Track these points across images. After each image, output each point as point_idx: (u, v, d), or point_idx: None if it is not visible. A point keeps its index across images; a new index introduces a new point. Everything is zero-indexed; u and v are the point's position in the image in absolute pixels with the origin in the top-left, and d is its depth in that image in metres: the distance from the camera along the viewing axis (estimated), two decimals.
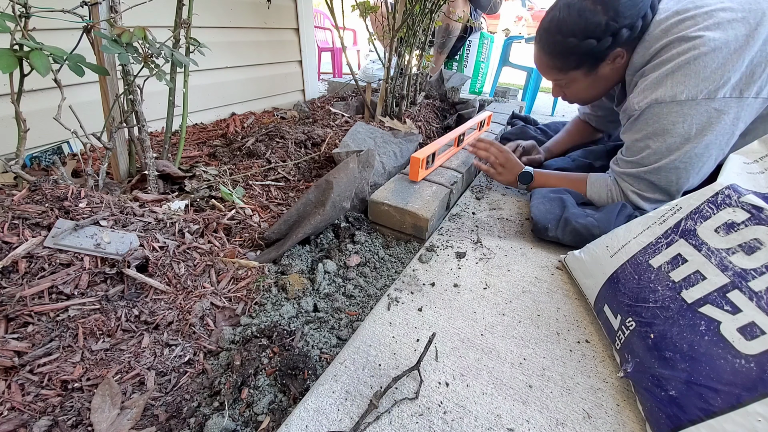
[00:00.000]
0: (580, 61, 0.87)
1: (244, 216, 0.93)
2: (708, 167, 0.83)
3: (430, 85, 2.05)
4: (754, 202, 0.49)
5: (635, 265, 0.62)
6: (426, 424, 0.51)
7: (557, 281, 0.80)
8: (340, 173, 0.91)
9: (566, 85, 0.96)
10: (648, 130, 0.82)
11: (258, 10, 1.73)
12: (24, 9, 0.67)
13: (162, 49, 0.77)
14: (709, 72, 0.73)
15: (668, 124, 0.78)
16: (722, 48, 0.72)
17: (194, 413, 0.54)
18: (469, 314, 0.71)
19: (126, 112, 0.88)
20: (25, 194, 0.69)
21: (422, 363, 0.59)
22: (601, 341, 0.66)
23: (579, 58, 0.86)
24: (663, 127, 0.79)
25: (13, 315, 0.57)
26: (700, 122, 0.76)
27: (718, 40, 0.72)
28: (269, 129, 1.37)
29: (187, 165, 1.12)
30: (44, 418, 0.50)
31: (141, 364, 0.58)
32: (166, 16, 1.02)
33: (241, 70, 1.75)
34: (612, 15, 0.78)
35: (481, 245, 0.92)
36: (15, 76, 0.69)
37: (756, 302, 0.44)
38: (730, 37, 0.72)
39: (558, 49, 0.87)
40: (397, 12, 1.43)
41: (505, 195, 1.17)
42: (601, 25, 0.80)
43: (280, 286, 0.75)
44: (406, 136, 1.38)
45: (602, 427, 0.52)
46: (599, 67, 0.89)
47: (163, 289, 0.68)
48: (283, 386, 0.57)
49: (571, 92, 0.99)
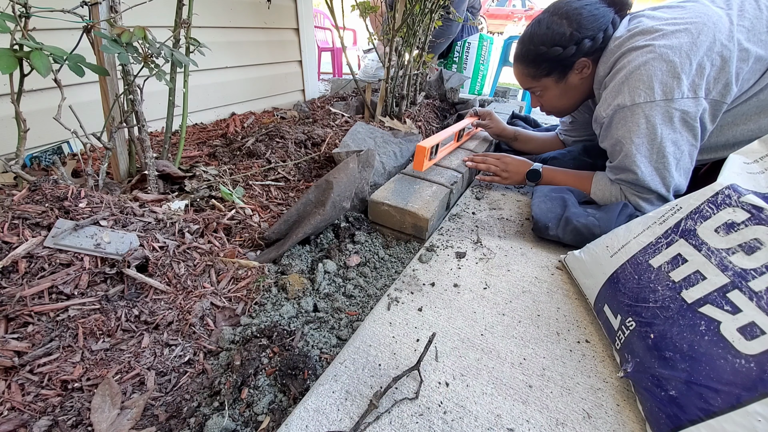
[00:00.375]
0: (551, 67, 0.97)
1: (244, 216, 0.93)
2: (685, 164, 0.88)
3: (429, 85, 2.05)
4: (754, 202, 0.49)
5: (635, 265, 0.62)
6: (426, 424, 0.51)
7: (557, 281, 0.80)
8: (340, 173, 0.91)
9: (541, 94, 1.05)
10: (618, 134, 0.89)
11: (258, 10, 1.73)
12: (24, 9, 0.67)
13: (162, 49, 0.77)
14: (661, 75, 0.80)
15: (633, 126, 0.85)
16: (669, 53, 0.79)
17: (194, 413, 0.54)
18: (469, 314, 0.71)
19: (126, 112, 0.88)
20: (25, 194, 0.69)
21: (422, 363, 0.59)
22: (601, 341, 0.66)
23: (549, 64, 0.97)
24: (629, 129, 0.86)
25: (13, 315, 0.57)
26: (662, 121, 0.82)
27: (665, 46, 0.80)
28: (269, 129, 1.37)
29: (187, 165, 1.12)
30: (44, 418, 0.50)
31: (141, 364, 0.58)
32: (166, 16, 1.02)
33: (241, 70, 1.75)
34: (575, 26, 0.90)
35: (481, 245, 0.92)
36: (15, 76, 0.69)
37: (756, 302, 0.44)
38: (675, 43, 0.80)
39: (530, 56, 0.98)
40: (397, 12, 1.43)
41: (505, 195, 1.17)
42: (565, 35, 0.91)
43: (280, 286, 0.75)
44: (406, 136, 1.38)
45: (602, 427, 0.52)
46: (568, 76, 0.98)
47: (163, 289, 0.68)
48: (283, 386, 0.57)
49: (546, 101, 1.07)
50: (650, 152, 0.85)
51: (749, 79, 0.81)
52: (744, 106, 0.85)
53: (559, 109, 1.10)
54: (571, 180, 1.05)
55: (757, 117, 0.85)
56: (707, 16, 0.80)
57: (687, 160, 0.87)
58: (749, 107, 0.84)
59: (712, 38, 0.78)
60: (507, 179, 1.15)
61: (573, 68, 0.96)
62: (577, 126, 1.27)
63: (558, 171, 1.09)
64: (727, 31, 0.79)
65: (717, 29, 0.79)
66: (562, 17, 0.92)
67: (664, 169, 0.86)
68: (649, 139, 0.84)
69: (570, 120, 1.30)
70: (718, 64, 0.79)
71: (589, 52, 0.93)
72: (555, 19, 0.93)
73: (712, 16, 0.80)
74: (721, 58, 0.78)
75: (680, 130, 0.83)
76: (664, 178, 0.87)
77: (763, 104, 0.83)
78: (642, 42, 0.83)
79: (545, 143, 1.40)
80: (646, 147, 0.85)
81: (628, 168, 0.89)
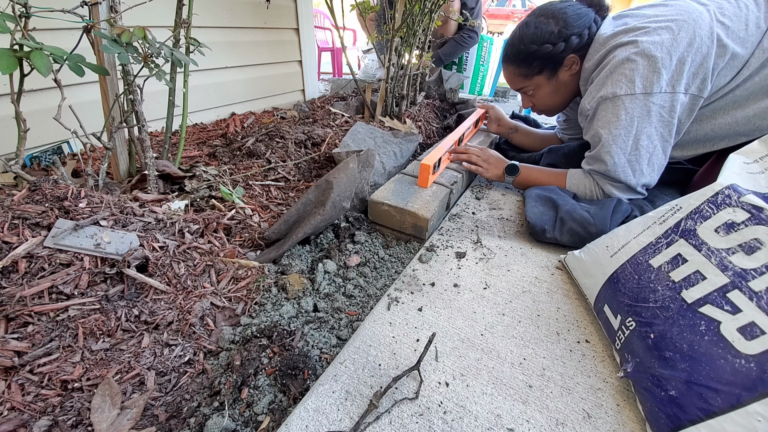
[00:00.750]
0: (542, 65, 1.01)
1: (244, 216, 0.93)
2: (658, 159, 0.90)
3: (429, 85, 2.05)
4: (754, 202, 0.49)
5: (635, 265, 0.62)
6: (426, 424, 0.51)
7: (557, 281, 0.80)
8: (340, 173, 0.91)
9: (533, 93, 1.09)
10: (599, 124, 0.92)
11: (258, 10, 1.73)
12: (24, 9, 0.67)
13: (162, 49, 0.77)
14: (642, 69, 0.83)
15: (612, 117, 0.89)
16: (651, 48, 0.82)
17: (194, 413, 0.54)
18: (469, 314, 0.71)
19: (126, 112, 0.88)
20: (25, 194, 0.69)
21: (422, 363, 0.59)
22: (601, 341, 0.66)
23: (540, 62, 1.00)
24: (608, 120, 0.90)
25: (13, 315, 0.57)
26: (640, 114, 0.86)
27: (648, 42, 0.83)
28: (269, 129, 1.37)
29: (187, 165, 1.12)
30: (44, 418, 0.50)
31: (141, 364, 0.58)
32: (166, 16, 1.02)
33: (241, 70, 1.75)
34: (562, 24, 0.95)
35: (481, 245, 0.92)
36: (15, 76, 0.69)
37: (756, 302, 0.44)
38: (657, 39, 0.83)
39: (521, 56, 1.01)
40: (397, 12, 1.43)
41: (505, 195, 1.17)
42: (554, 33, 0.95)
43: (280, 286, 0.75)
44: (406, 136, 1.38)
45: (602, 427, 0.52)
46: (559, 73, 1.02)
47: (163, 289, 0.68)
48: (283, 386, 0.57)
49: (538, 99, 1.10)
50: (626, 143, 0.88)
51: (726, 75, 0.84)
52: (721, 102, 0.87)
53: (551, 107, 1.13)
54: (546, 177, 1.08)
55: (733, 111, 0.87)
56: (688, 13, 0.83)
57: (660, 155, 0.90)
58: (725, 102, 0.87)
59: (693, 34, 0.81)
60: (487, 171, 1.17)
61: (563, 65, 1.00)
62: (572, 124, 1.29)
63: (534, 168, 1.12)
64: (707, 27, 0.81)
65: (697, 25, 0.81)
66: (548, 17, 0.97)
67: (636, 161, 0.90)
68: (626, 131, 0.88)
69: (564, 118, 1.32)
70: (698, 60, 0.82)
71: (577, 48, 0.97)
72: (542, 19, 0.97)
73: (693, 13, 0.83)
74: (700, 54, 0.81)
75: (656, 125, 0.86)
76: (635, 170, 0.90)
77: (739, 99, 0.86)
78: (626, 39, 0.87)
79: (544, 139, 1.41)
80: (623, 139, 0.88)
81: (602, 158, 0.92)
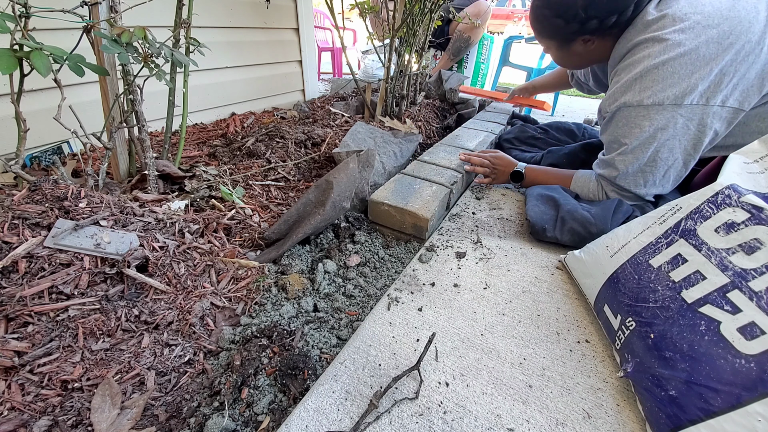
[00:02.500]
0: (552, 33, 0.94)
1: (244, 216, 0.93)
2: (677, 172, 0.85)
3: (429, 85, 2.05)
4: (754, 202, 0.49)
5: (635, 265, 0.62)
6: (426, 424, 0.51)
7: (557, 281, 0.80)
8: (340, 173, 0.91)
9: (546, 49, 1.04)
10: (618, 132, 0.87)
11: (258, 10, 1.73)
12: (24, 9, 0.67)
13: (162, 49, 0.77)
14: (677, 78, 0.76)
15: (635, 127, 0.83)
16: (691, 53, 0.74)
17: (194, 413, 0.54)
18: (469, 314, 0.71)
19: (126, 112, 0.88)
20: (25, 194, 0.69)
21: (422, 363, 0.59)
22: (601, 341, 0.66)
23: (550, 30, 0.93)
24: (630, 130, 0.84)
25: (13, 315, 0.57)
26: (665, 126, 0.79)
27: (687, 45, 0.74)
28: (269, 129, 1.37)
29: (187, 165, 1.12)
30: (44, 418, 0.50)
31: (141, 364, 0.58)
32: (166, 16, 1.02)
33: (241, 70, 1.75)
34: (586, 4, 0.82)
35: (481, 245, 0.92)
36: (15, 76, 0.69)
37: (756, 302, 0.44)
38: (701, 43, 0.74)
39: (536, 15, 0.95)
40: (397, 12, 1.43)
41: (505, 195, 1.17)
42: (572, 9, 0.84)
43: (280, 286, 0.75)
44: (406, 136, 1.38)
45: (602, 427, 0.52)
46: (571, 45, 0.94)
47: (163, 289, 0.68)
48: (283, 386, 0.57)
49: (552, 56, 1.06)
50: (644, 155, 0.84)
51: None
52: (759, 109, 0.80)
53: (566, 66, 1.10)
54: (552, 179, 1.06)
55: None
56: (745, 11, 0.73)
57: (679, 168, 0.85)
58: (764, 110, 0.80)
59: (744, 40, 0.72)
60: (496, 179, 1.18)
61: (575, 41, 0.92)
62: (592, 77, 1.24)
63: (540, 170, 1.10)
64: (759, 31, 0.73)
65: (750, 30, 0.72)
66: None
67: (650, 172, 0.85)
68: (647, 142, 0.82)
69: None
70: (741, 71, 0.74)
71: (596, 30, 0.87)
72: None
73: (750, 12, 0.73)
74: (746, 64, 0.73)
75: (680, 138, 0.80)
76: (646, 181, 0.86)
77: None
78: (664, 34, 0.77)
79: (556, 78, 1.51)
80: (641, 150, 0.83)
81: (615, 165, 0.89)
